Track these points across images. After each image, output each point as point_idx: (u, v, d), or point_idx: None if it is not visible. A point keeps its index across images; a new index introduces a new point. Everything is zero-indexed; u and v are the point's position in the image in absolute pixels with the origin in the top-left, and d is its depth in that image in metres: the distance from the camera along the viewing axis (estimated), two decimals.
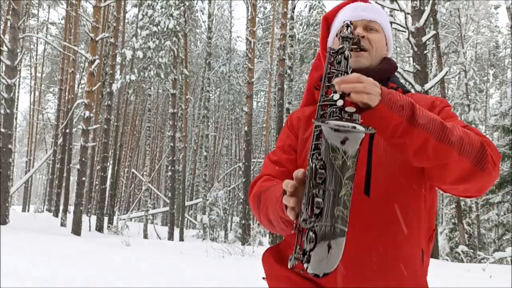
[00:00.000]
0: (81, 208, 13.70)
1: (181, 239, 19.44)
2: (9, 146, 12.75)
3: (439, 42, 15.94)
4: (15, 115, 26.91)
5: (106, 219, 20.55)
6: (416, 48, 11.77)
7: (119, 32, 20.99)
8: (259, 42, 29.42)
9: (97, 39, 14.20)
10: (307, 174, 0.91)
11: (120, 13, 20.09)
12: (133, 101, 28.93)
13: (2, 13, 18.96)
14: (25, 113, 44.39)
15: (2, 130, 12.69)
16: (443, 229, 16.72)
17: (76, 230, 13.25)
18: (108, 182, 21.80)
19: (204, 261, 7.50)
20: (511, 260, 11.56)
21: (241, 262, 7.70)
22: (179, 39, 19.68)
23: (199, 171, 25.38)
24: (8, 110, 12.77)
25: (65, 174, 20.26)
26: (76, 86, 22.56)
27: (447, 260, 13.90)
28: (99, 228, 18.17)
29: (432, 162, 1.05)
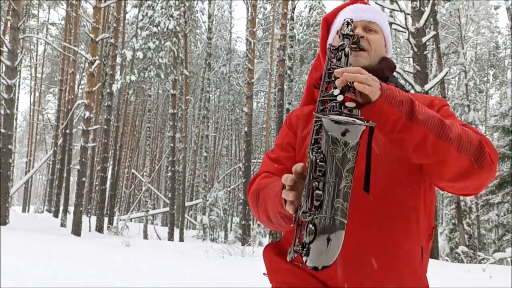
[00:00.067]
0: (81, 209, 13.71)
1: (181, 240, 19.45)
2: (9, 147, 12.75)
3: (439, 43, 15.95)
4: (15, 116, 26.92)
5: (106, 220, 20.55)
6: (416, 49, 11.78)
7: (119, 33, 21.00)
8: (259, 43, 29.43)
9: (97, 40, 14.21)
10: (307, 167, 0.91)
11: (120, 14, 20.10)
12: (133, 102, 28.95)
13: (2, 14, 18.97)
14: (25, 114, 44.41)
15: (2, 131, 12.70)
16: (443, 230, 16.72)
17: (76, 231, 13.25)
18: (108, 183, 21.81)
19: (204, 262, 7.50)
20: (511, 261, 11.56)
21: (241, 263, 7.70)
22: (179, 40, 19.69)
23: (199, 172, 25.39)
24: (8, 111, 12.77)
25: (65, 175, 20.27)
26: (76, 87, 22.57)
27: (447, 261, 13.91)
28: (99, 229, 18.17)
29: (431, 158, 1.06)
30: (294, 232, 0.94)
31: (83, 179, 14.03)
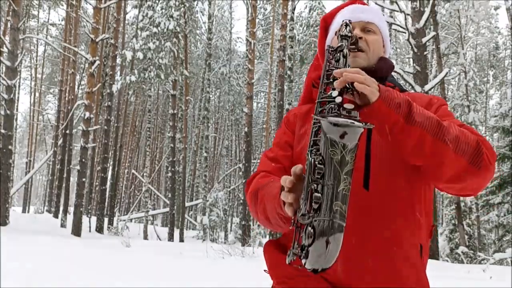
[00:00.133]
0: (81, 209, 13.71)
1: (181, 240, 19.45)
2: (9, 147, 12.76)
3: (439, 43, 15.96)
4: (15, 116, 26.93)
5: (106, 220, 20.55)
6: (416, 49, 11.79)
7: (119, 33, 21.02)
8: (259, 43, 29.44)
9: (97, 40, 14.22)
10: (306, 169, 0.91)
11: (120, 14, 20.11)
12: (133, 102, 28.95)
13: (2, 14, 18.99)
14: (25, 114, 44.41)
15: (2, 131, 12.71)
16: (443, 230, 16.71)
17: (76, 231, 13.26)
18: (108, 183, 21.81)
19: (204, 262, 7.51)
20: (511, 261, 11.56)
21: (241, 263, 7.70)
22: (179, 40, 19.70)
23: (199, 172, 25.39)
24: (8, 111, 12.78)
25: (65, 175, 20.27)
26: (76, 87, 22.56)
27: (447, 261, 13.90)
28: (99, 229, 18.17)
29: (429, 160, 1.06)
30: (293, 234, 0.94)
31: (83, 180, 14.03)
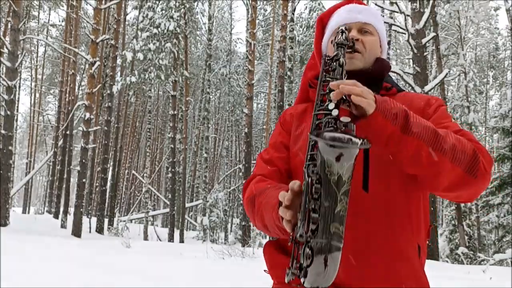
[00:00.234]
0: (82, 210, 13.71)
1: (181, 241, 19.44)
2: (10, 148, 12.77)
3: (439, 44, 15.97)
4: (16, 117, 26.94)
5: (107, 221, 20.55)
6: (416, 50, 11.80)
7: (120, 34, 21.03)
8: (259, 44, 29.45)
9: (98, 41, 14.23)
10: (304, 189, 0.91)
11: (121, 15, 20.12)
12: (134, 103, 28.96)
13: (3, 15, 19.01)
14: (26, 115, 44.40)
15: (3, 132, 12.72)
16: (443, 231, 16.71)
17: (77, 232, 13.26)
18: (109, 184, 21.81)
19: (204, 263, 7.51)
20: (511, 262, 11.56)
21: (241, 264, 7.71)
22: (180, 41, 19.71)
23: (199, 173, 25.39)
24: (9, 112, 12.79)
25: (66, 176, 20.27)
26: (77, 88, 22.57)
27: (447, 262, 13.91)
28: (100, 230, 18.17)
29: (426, 171, 1.06)
30: (292, 250, 0.94)
31: (84, 180, 14.04)
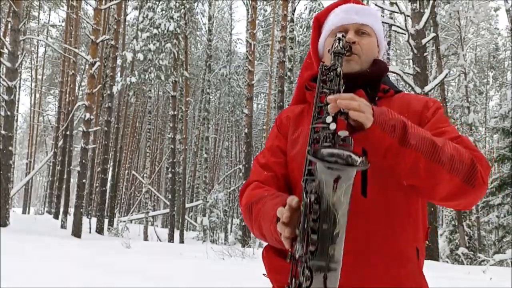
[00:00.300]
0: (82, 210, 13.71)
1: (181, 241, 19.44)
2: (10, 148, 12.77)
3: (439, 44, 15.97)
4: (16, 117, 26.94)
5: (107, 221, 20.55)
6: (416, 51, 11.80)
7: (120, 35, 21.04)
8: (259, 44, 29.45)
9: (98, 42, 14.23)
10: (302, 209, 0.91)
11: (121, 16, 20.13)
12: (134, 103, 28.96)
13: (3, 15, 19.01)
14: (26, 115, 44.40)
15: (3, 132, 12.72)
16: (443, 231, 16.71)
17: (76, 232, 13.26)
18: (109, 184, 21.81)
19: (204, 263, 7.51)
20: (511, 263, 11.56)
21: (241, 264, 7.71)
22: (180, 42, 19.72)
23: (199, 173, 25.39)
24: (9, 112, 12.79)
25: (66, 176, 20.27)
26: (77, 88, 22.58)
27: (447, 262, 13.91)
28: (100, 230, 18.17)
29: (423, 182, 1.06)
30: (290, 267, 0.93)
31: (84, 181, 14.04)
